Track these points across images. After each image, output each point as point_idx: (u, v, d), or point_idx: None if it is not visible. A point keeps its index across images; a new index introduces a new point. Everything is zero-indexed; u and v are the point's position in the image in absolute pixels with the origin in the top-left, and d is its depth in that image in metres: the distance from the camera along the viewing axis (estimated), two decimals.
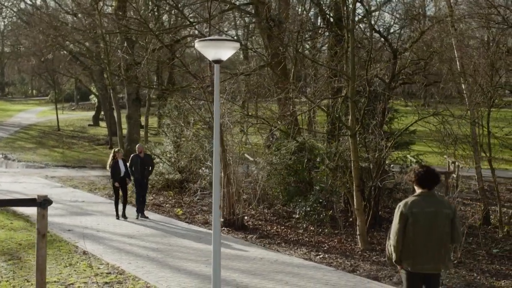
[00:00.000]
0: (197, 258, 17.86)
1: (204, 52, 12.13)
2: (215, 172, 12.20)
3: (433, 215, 9.27)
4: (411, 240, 9.26)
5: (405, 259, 9.36)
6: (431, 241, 9.23)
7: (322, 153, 21.95)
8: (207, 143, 26.51)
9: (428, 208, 9.30)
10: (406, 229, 9.28)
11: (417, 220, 9.24)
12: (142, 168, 23.89)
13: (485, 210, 24.61)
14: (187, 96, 27.47)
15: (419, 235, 9.24)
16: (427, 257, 9.27)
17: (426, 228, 9.22)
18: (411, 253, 9.29)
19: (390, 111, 24.61)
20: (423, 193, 9.52)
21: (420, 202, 9.38)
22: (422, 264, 9.28)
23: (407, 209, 9.35)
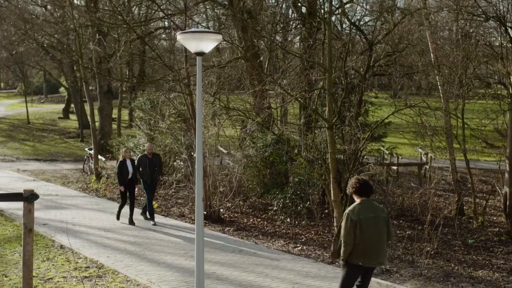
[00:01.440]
0: (176, 251, 17.80)
1: (186, 44, 12.03)
2: (198, 165, 12.12)
3: (375, 219, 10.88)
4: (360, 241, 10.76)
5: (356, 257, 10.88)
6: (376, 240, 10.85)
7: (300, 145, 21.93)
8: (182, 136, 26.37)
9: (370, 214, 10.89)
10: (356, 232, 10.75)
11: (363, 224, 10.77)
12: (151, 170, 21.92)
13: (459, 201, 24.78)
14: (161, 88, 27.33)
15: (366, 236, 10.76)
16: (375, 254, 10.91)
17: (371, 231, 10.79)
18: (361, 252, 10.81)
19: (366, 103, 24.68)
20: (363, 201, 11.05)
21: (364, 209, 10.89)
22: (370, 260, 10.94)
23: (355, 215, 10.80)
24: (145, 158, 21.99)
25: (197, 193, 12.19)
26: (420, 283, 15.59)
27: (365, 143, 21.87)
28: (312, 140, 22.19)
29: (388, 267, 16.96)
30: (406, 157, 39.32)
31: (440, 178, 27.75)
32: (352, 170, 22.09)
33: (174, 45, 33.73)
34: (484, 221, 23.45)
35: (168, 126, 27.69)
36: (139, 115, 30.93)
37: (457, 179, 25.23)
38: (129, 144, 30.18)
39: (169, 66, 23.93)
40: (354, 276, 11.14)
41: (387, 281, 15.65)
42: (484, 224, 23.28)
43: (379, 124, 22.11)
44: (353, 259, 10.92)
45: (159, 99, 28.98)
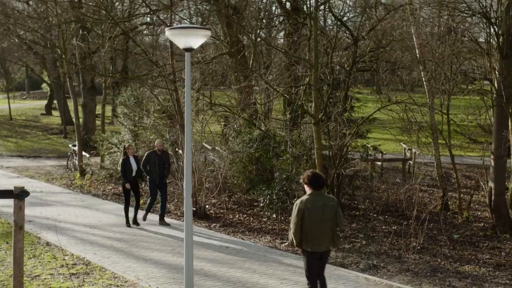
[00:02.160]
0: (163, 248, 17.76)
1: (174, 40, 12.00)
2: (187, 161, 12.10)
3: (322, 208, 11.60)
4: (308, 228, 11.57)
5: (305, 243, 11.69)
6: (323, 228, 11.63)
7: (287, 141, 21.94)
8: (167, 132, 26.29)
9: (318, 203, 11.61)
10: (303, 220, 11.54)
11: (311, 213, 11.52)
12: (160, 167, 20.75)
13: (444, 196, 24.88)
14: (146, 84, 27.24)
15: (314, 224, 11.57)
16: (321, 240, 11.68)
17: (318, 219, 11.56)
18: (310, 238, 11.62)
19: (351, 99, 24.71)
20: (313, 192, 11.76)
21: (312, 199, 11.63)
22: (318, 245, 11.71)
23: (303, 205, 11.58)
24: (154, 155, 20.75)
25: (186, 190, 12.16)
26: (408, 278, 15.64)
27: (351, 139, 21.91)
28: (298, 136, 22.19)
29: (376, 262, 17.00)
30: (390, 153, 39.41)
31: (425, 174, 27.84)
32: (338, 166, 22.14)
33: (157, 41, 33.56)
34: (469, 216, 23.56)
35: (153, 122, 27.59)
36: (123, 111, 30.77)
37: (441, 174, 25.32)
38: (113, 140, 30.03)
39: (155, 62, 23.86)
40: (312, 260, 11.91)
41: (375, 277, 15.67)
42: (469, 219, 23.39)
43: (365, 120, 22.16)
44: (304, 245, 11.76)
45: (144, 95, 28.87)
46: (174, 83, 22.58)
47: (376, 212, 23.84)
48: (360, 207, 24.87)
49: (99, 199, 25.80)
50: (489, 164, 23.50)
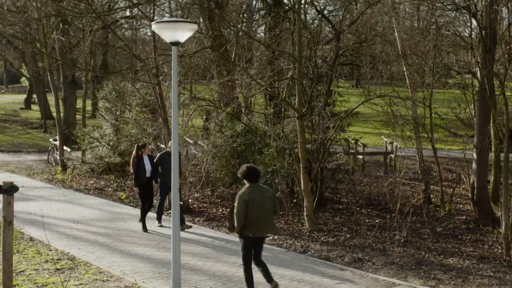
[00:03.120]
0: (147, 242, 17.72)
1: (161, 34, 11.94)
2: (174, 156, 12.06)
3: (262, 198, 12.89)
4: (251, 217, 12.73)
5: (248, 229, 12.86)
6: (263, 216, 12.86)
7: (270, 135, 21.92)
8: (150, 126, 26.20)
9: (258, 194, 12.90)
10: (247, 210, 12.70)
11: (253, 203, 12.73)
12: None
13: (426, 189, 24.98)
14: (127, 78, 27.14)
15: (256, 213, 12.75)
16: (263, 226, 12.97)
17: (259, 208, 12.79)
18: (251, 225, 12.81)
19: (334, 93, 24.75)
20: (252, 184, 13.01)
21: (252, 191, 12.88)
22: (260, 231, 13.05)
23: (246, 196, 12.79)
24: (167, 156, 19.18)
25: (173, 184, 12.13)
26: (393, 271, 15.70)
27: (334, 132, 21.94)
28: (282, 130, 22.20)
29: (360, 255, 17.06)
30: (371, 146, 39.49)
31: (406, 167, 27.95)
32: (321, 160, 22.17)
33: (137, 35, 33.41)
34: (451, 209, 23.67)
35: (135, 116, 27.49)
36: (105, 105, 30.64)
37: (424, 168, 25.42)
38: (95, 134, 29.90)
39: (137, 56, 23.76)
40: (250, 244, 13.15)
41: (360, 270, 15.74)
42: (451, 212, 23.49)
43: (349, 114, 22.21)
44: (245, 231, 12.93)
45: (126, 89, 28.76)
46: (157, 77, 22.49)
47: (359, 205, 23.92)
48: (343, 200, 24.94)
49: (81, 193, 25.67)
50: (470, 157, 23.60)
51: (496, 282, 15.09)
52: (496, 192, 25.24)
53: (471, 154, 23.35)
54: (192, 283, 13.99)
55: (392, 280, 14.82)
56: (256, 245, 13.28)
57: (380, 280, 14.83)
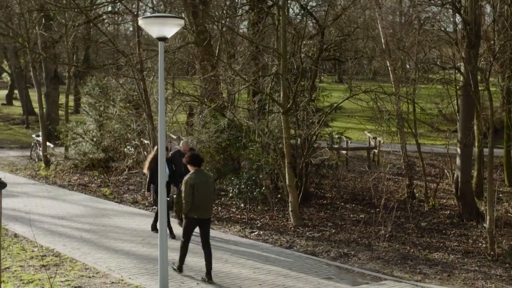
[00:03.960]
0: (133, 238, 17.67)
1: (148, 29, 11.93)
2: (161, 151, 12.04)
3: (206, 183, 14.05)
4: (197, 200, 13.88)
5: (194, 211, 13.97)
6: (207, 199, 14.00)
7: (255, 131, 21.92)
8: (134, 122, 26.12)
9: (202, 179, 14.13)
10: (193, 193, 13.83)
11: (199, 187, 13.90)
12: (186, 169, 16.89)
13: (410, 184, 25.07)
14: (110, 73, 27.06)
15: (201, 196, 13.91)
16: (207, 208, 14.06)
17: (203, 192, 13.94)
18: (197, 207, 13.93)
19: (318, 88, 24.76)
20: (197, 170, 14.25)
21: (198, 176, 14.10)
22: (205, 213, 14.10)
23: (192, 181, 13.96)
24: (179, 156, 18.42)
25: (160, 180, 12.11)
26: (379, 266, 15.76)
27: (319, 127, 21.96)
28: (266, 126, 22.19)
29: (346, 250, 17.10)
30: (354, 142, 39.57)
31: (390, 162, 28.01)
32: (306, 155, 22.19)
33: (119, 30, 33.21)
34: (435, 204, 23.77)
35: (119, 112, 27.39)
36: (88, 101, 30.49)
37: (407, 163, 25.50)
38: (78, 130, 29.76)
39: (122, 51, 23.67)
40: (192, 225, 14.28)
41: (346, 265, 15.78)
42: (435, 207, 23.60)
43: (334, 109, 22.24)
44: (191, 213, 14.03)
45: (109, 85, 28.65)
46: (141, 73, 22.42)
47: (344, 200, 23.97)
48: (327, 195, 24.98)
49: (65, 189, 25.53)
50: (453, 152, 23.70)
51: (482, 277, 15.18)
52: (479, 187, 25.40)
53: (454, 149, 23.44)
54: (179, 279, 13.99)
55: (378, 275, 14.89)
56: (200, 226, 14.28)
57: (367, 275, 14.89)
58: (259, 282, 14.00)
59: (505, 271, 15.84)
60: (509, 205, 23.71)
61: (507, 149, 28.20)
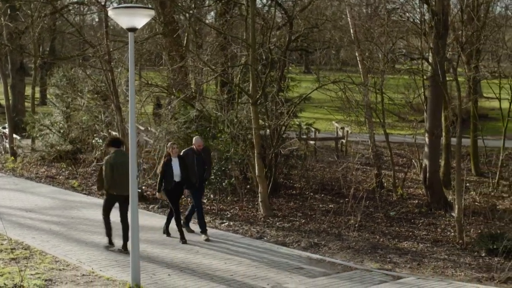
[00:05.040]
0: (102, 231, 17.34)
1: (117, 20, 11.89)
2: (132, 142, 12.00)
3: (124, 162, 14.46)
4: (116, 177, 15.04)
5: (113, 189, 15.24)
6: (125, 177, 14.07)
7: (224, 121, 21.91)
8: (102, 113, 25.95)
9: (121, 159, 15.08)
10: (112, 171, 15.08)
11: (118, 166, 15.04)
12: (199, 169, 17.19)
13: (378, 174, 25.20)
14: (78, 64, 26.86)
15: (121, 175, 14.82)
16: (125, 186, 13.86)
17: (122, 170, 14.78)
18: (116, 185, 15.09)
19: (287, 79, 24.80)
20: (116, 150, 15.48)
21: (117, 156, 15.29)
22: (123, 190, 14.54)
23: (112, 160, 15.21)
24: (192, 154, 17.18)
25: (131, 172, 12.07)
26: (350, 255, 15.85)
27: (288, 118, 22.00)
28: (236, 116, 22.18)
29: (316, 240, 17.17)
30: (322, 132, 39.67)
31: (358, 152, 28.12)
32: (275, 146, 22.22)
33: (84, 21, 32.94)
34: (403, 193, 23.92)
35: (86, 103, 27.20)
36: (55, 92, 30.23)
37: (376, 153, 25.63)
38: (45, 121, 29.50)
39: (89, 42, 23.49)
40: (111, 201, 15.57)
41: (317, 255, 15.84)
42: (403, 196, 23.73)
43: (302, 99, 22.29)
44: (111, 190, 15.33)
45: (76, 76, 28.43)
46: (109, 64, 22.26)
47: (313, 191, 24.03)
48: (296, 186, 25.02)
49: (33, 182, 25.31)
50: (420, 142, 23.85)
51: (451, 265, 15.33)
52: (447, 176, 25.59)
53: (422, 139, 23.60)
54: (150, 270, 13.94)
55: (349, 264, 14.98)
56: (119, 202, 15.46)
57: (337, 265, 14.97)
58: (230, 273, 14.02)
59: (474, 259, 16.02)
60: (476, 194, 23.92)
61: (474, 139, 28.45)
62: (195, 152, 17.18)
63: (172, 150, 16.68)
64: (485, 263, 15.67)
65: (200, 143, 17.36)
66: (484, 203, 22.59)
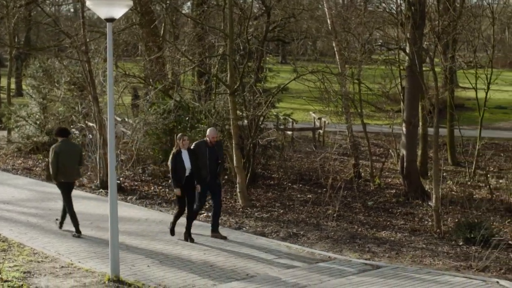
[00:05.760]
0: (81, 222, 17.34)
1: (96, 10, 11.83)
2: (110, 133, 11.95)
3: (70, 151, 16.07)
4: (62, 165, 15.83)
5: (61, 176, 15.98)
6: (71, 165, 15.96)
7: (201, 112, 21.88)
8: (79, 104, 25.81)
9: (67, 147, 16.08)
10: (58, 159, 15.78)
11: (64, 155, 15.86)
12: (212, 164, 16.01)
13: (356, 164, 25.29)
14: (54, 55, 26.69)
15: (66, 162, 15.87)
16: (71, 173, 16.09)
17: (68, 158, 15.92)
18: (63, 172, 15.91)
19: (265, 69, 24.80)
20: (63, 140, 16.18)
21: (63, 145, 16.05)
22: (70, 177, 16.16)
23: (57, 149, 15.87)
24: (204, 147, 16.05)
25: (110, 163, 12.03)
26: (328, 245, 15.90)
27: (266, 108, 22.01)
28: (213, 107, 22.16)
29: (295, 230, 17.21)
30: (300, 122, 39.75)
31: (335, 143, 28.22)
32: (253, 136, 22.23)
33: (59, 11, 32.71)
34: (381, 183, 24.03)
35: (63, 94, 27.04)
36: (32, 83, 30.03)
37: (353, 143, 25.71)
38: (22, 113, 29.31)
39: (66, 33, 23.34)
40: (65, 189, 16.22)
41: (296, 245, 15.88)
42: (381, 186, 23.85)
43: (280, 89, 22.31)
44: (58, 177, 16.03)
45: (53, 67, 28.24)
46: (86, 54, 22.14)
47: (291, 181, 24.09)
48: (274, 176, 25.07)
49: (9, 174, 25.14)
50: (398, 132, 23.94)
51: (429, 254, 15.43)
52: (424, 166, 25.75)
53: (399, 129, 23.70)
54: (129, 262, 13.90)
55: (328, 254, 15.02)
56: (69, 187, 16.32)
57: (316, 254, 15.02)
58: (210, 263, 14.01)
59: (452, 248, 16.13)
60: (453, 183, 24.08)
61: (450, 129, 28.61)
62: (208, 146, 16.01)
63: (182, 142, 15.59)
64: (462, 252, 15.78)
65: (214, 135, 16.15)
66: (461, 193, 22.74)
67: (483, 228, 16.27)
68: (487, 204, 21.00)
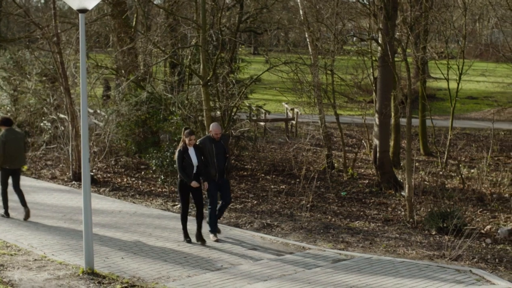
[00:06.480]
0: (53, 215, 17.43)
1: (68, 1, 11.70)
2: (83, 126, 11.87)
3: (15, 139, 16.80)
4: (8, 154, 16.57)
5: (5, 163, 16.70)
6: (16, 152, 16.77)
7: (175, 103, 21.82)
8: (51, 96, 25.63)
9: (12, 136, 16.79)
10: (4, 148, 16.47)
11: (10, 143, 16.60)
12: (219, 158, 15.24)
13: (329, 155, 25.35)
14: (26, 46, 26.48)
15: (11, 150, 16.60)
16: (16, 161, 16.84)
17: (13, 147, 16.66)
18: (8, 160, 16.66)
19: (238, 60, 24.77)
20: (7, 129, 16.79)
21: (8, 133, 16.71)
22: (15, 164, 16.89)
23: (3, 138, 16.55)
24: (209, 142, 15.22)
25: (83, 155, 11.96)
26: (302, 236, 15.93)
27: (239, 99, 21.99)
28: (186, 98, 22.10)
29: (269, 221, 17.23)
30: (272, 113, 39.77)
31: (308, 133, 28.29)
32: (226, 127, 22.19)
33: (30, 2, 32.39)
34: (353, 173, 24.12)
35: (35, 86, 26.84)
36: (2, 75, 29.75)
37: (326, 133, 25.76)
38: None
39: (37, 24, 23.13)
40: (6, 174, 16.95)
41: (270, 235, 15.90)
42: (354, 176, 23.94)
43: (254, 80, 22.30)
44: (5, 164, 16.73)
45: (24, 58, 28.01)
46: (58, 46, 21.97)
47: (264, 172, 24.10)
48: (247, 167, 25.07)
49: None
50: (370, 122, 24.01)
51: (403, 244, 15.51)
52: (396, 156, 25.87)
53: (371, 119, 23.78)
54: (103, 254, 13.86)
55: (302, 245, 15.06)
56: (12, 175, 17.03)
57: (291, 245, 15.05)
58: (184, 255, 14.02)
59: (425, 237, 16.23)
60: (425, 173, 24.22)
61: (422, 119, 28.76)
62: (213, 141, 15.22)
63: (189, 141, 14.87)
64: (435, 241, 15.89)
65: (218, 131, 15.28)
66: (433, 182, 22.88)
67: (455, 218, 16.39)
68: (459, 193, 21.14)
